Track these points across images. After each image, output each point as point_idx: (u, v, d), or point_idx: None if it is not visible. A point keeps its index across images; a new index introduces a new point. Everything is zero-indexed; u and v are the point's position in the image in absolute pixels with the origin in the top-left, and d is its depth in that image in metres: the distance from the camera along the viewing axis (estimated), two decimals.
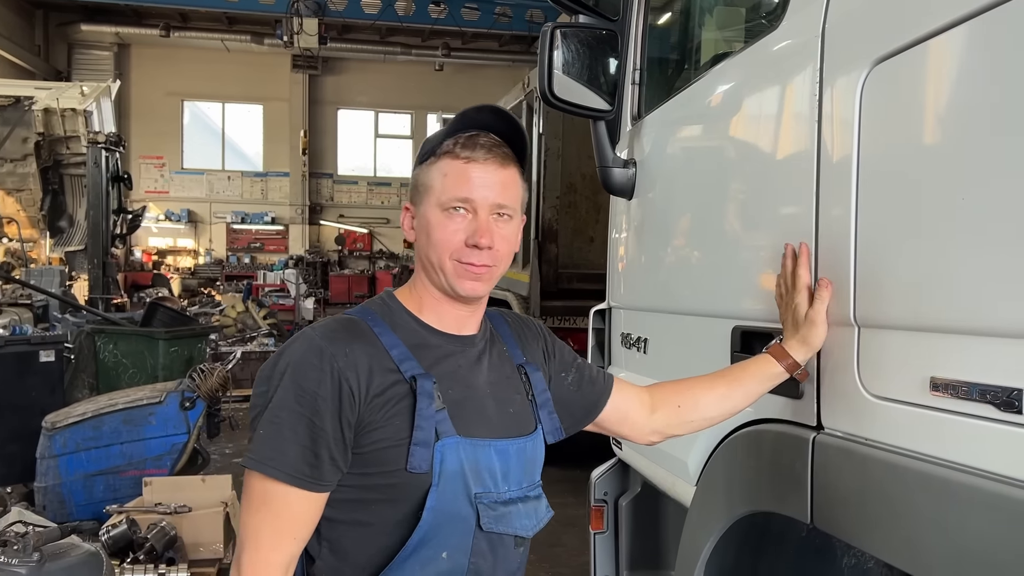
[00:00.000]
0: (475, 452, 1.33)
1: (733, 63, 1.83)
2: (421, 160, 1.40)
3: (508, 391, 1.44)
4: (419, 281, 1.42)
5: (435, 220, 1.35)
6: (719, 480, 1.79)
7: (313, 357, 1.26)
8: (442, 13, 17.74)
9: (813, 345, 1.46)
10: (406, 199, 1.45)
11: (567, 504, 5.69)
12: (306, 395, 1.24)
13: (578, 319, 6.17)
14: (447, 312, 1.40)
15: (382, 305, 1.41)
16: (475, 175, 1.33)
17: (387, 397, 1.28)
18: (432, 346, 1.37)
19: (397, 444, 1.27)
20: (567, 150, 6.12)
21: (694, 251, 1.99)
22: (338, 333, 1.31)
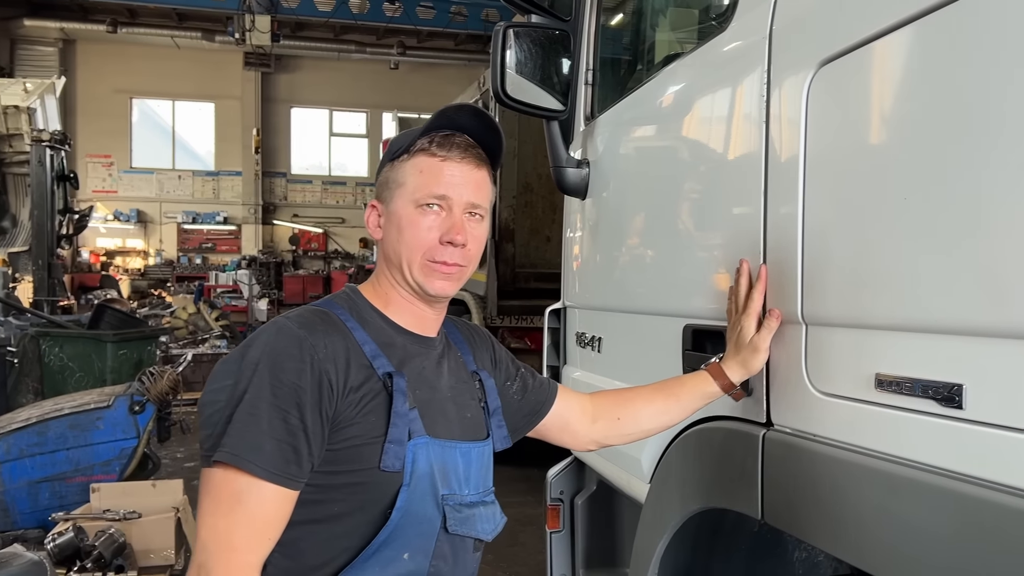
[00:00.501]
0: (443, 453, 1.33)
1: (684, 64, 1.85)
2: (392, 156, 1.38)
3: (465, 396, 1.44)
4: (384, 279, 1.39)
5: (408, 217, 1.33)
6: (672, 477, 1.80)
7: (292, 347, 1.22)
8: (397, 11, 17.65)
9: (751, 370, 1.49)
10: (372, 196, 1.43)
11: (525, 503, 5.71)
12: (285, 387, 1.19)
13: (535, 318, 6.18)
14: (413, 312, 1.39)
15: (348, 300, 1.38)
16: (451, 173, 1.33)
17: (363, 392, 1.25)
18: (398, 345, 1.35)
19: (370, 442, 1.25)
20: (523, 150, 6.13)
21: (646, 250, 2.00)
22: (315, 323, 1.28)
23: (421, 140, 1.35)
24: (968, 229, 1.05)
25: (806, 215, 1.35)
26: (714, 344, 1.66)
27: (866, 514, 1.21)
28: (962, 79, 1.07)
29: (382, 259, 1.40)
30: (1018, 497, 0.97)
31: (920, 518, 1.10)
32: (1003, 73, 1.01)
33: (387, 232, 1.37)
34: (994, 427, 1.02)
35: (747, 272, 1.49)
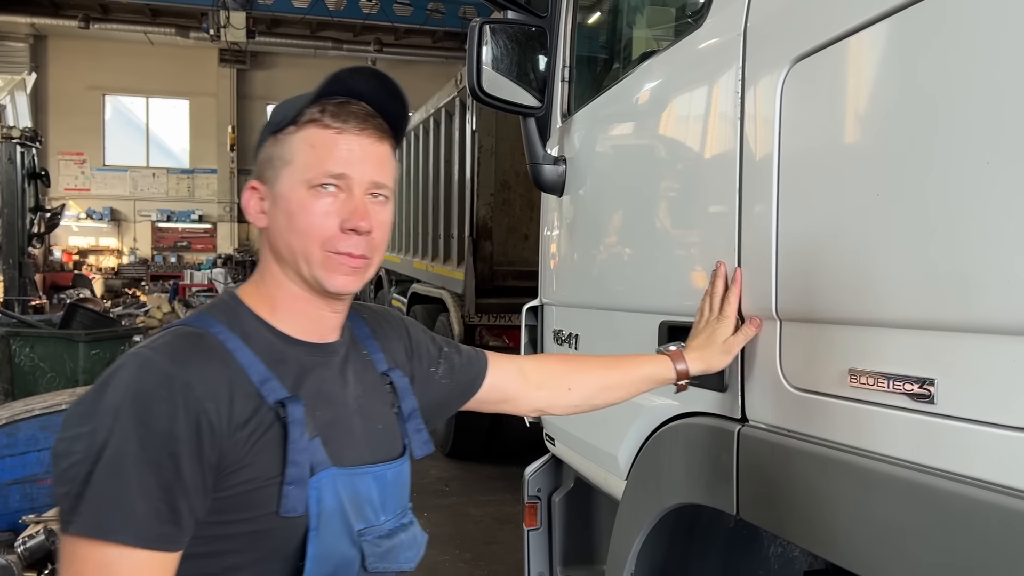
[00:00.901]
0: (353, 483, 1.15)
1: (659, 61, 1.85)
2: (275, 128, 1.16)
3: (375, 405, 1.26)
4: (271, 277, 1.19)
5: (299, 200, 1.13)
6: (648, 474, 1.80)
7: (160, 387, 1.01)
8: (374, 8, 17.57)
9: (712, 368, 1.48)
10: (255, 176, 1.20)
11: (503, 501, 5.72)
12: (154, 435, 0.99)
13: (513, 316, 6.18)
14: (309, 315, 1.19)
15: (227, 311, 1.16)
16: (349, 147, 1.14)
17: (251, 428, 1.06)
18: (291, 360, 1.15)
19: (266, 484, 1.07)
20: (501, 147, 6.12)
21: (623, 247, 2.00)
22: (186, 353, 1.06)
23: (311, 109, 1.14)
24: (938, 225, 1.06)
25: (780, 212, 1.36)
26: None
27: (840, 509, 1.21)
28: (933, 76, 1.08)
29: (267, 253, 1.19)
30: (989, 491, 0.98)
31: (893, 513, 1.11)
32: (974, 69, 1.02)
33: (273, 219, 1.16)
34: (965, 421, 1.03)
35: (724, 275, 1.48)
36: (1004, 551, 0.95)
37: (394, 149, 1.22)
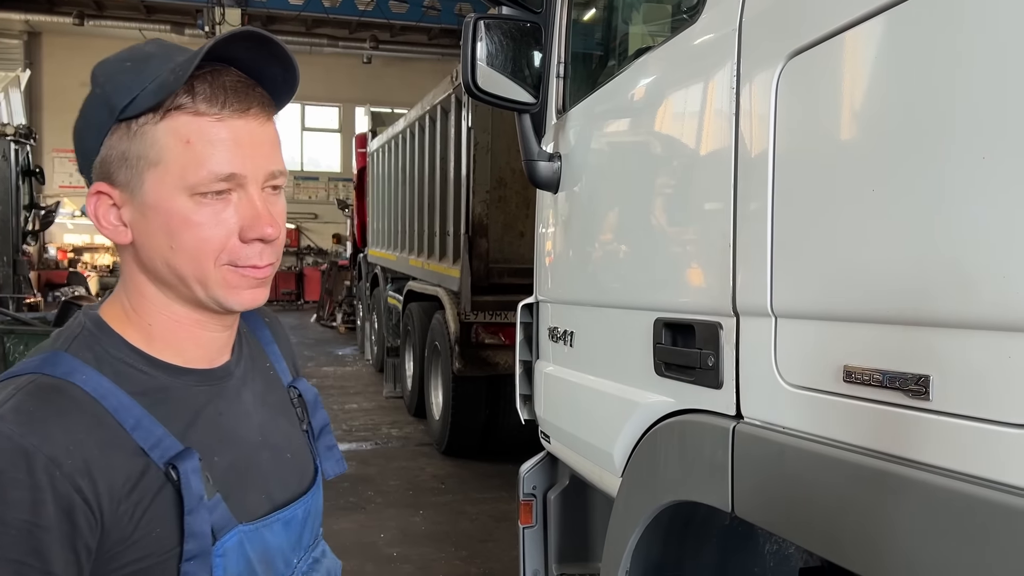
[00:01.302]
0: (262, 537, 0.98)
1: (654, 57, 1.84)
2: (123, 114, 0.89)
3: (282, 428, 1.08)
4: (144, 302, 0.95)
5: (181, 213, 0.90)
6: (643, 471, 1.80)
7: (14, 469, 0.80)
8: (370, 5, 17.53)
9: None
10: (98, 175, 0.92)
11: (499, 499, 5.72)
12: (12, 528, 0.79)
13: (509, 314, 6.17)
14: (196, 339, 0.97)
15: (90, 342, 0.92)
16: (236, 136, 0.90)
17: (137, 497, 0.86)
18: (178, 397, 0.94)
19: (161, 560, 0.89)
20: (496, 144, 6.10)
21: (618, 244, 2.00)
22: (45, 417, 0.83)
23: (163, 88, 0.88)
24: (933, 221, 1.05)
25: (775, 208, 1.35)
26: (684, 337, 1.66)
27: (835, 506, 1.21)
28: (929, 70, 1.07)
29: (136, 274, 0.95)
30: (986, 488, 0.97)
31: (888, 510, 1.11)
32: (971, 63, 1.01)
33: (144, 235, 0.92)
34: (961, 418, 1.02)
35: None
36: (1001, 548, 0.94)
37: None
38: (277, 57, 0.94)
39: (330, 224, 21.96)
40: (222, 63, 0.92)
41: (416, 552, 4.78)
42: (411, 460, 6.74)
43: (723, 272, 1.49)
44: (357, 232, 13.01)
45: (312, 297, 20.38)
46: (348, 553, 4.72)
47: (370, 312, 11.47)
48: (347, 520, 5.31)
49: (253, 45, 0.92)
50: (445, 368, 6.60)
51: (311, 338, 14.83)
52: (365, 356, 12.02)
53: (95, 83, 0.93)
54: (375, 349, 11.04)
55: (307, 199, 22.57)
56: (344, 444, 7.30)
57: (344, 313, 15.63)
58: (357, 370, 11.31)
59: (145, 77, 0.89)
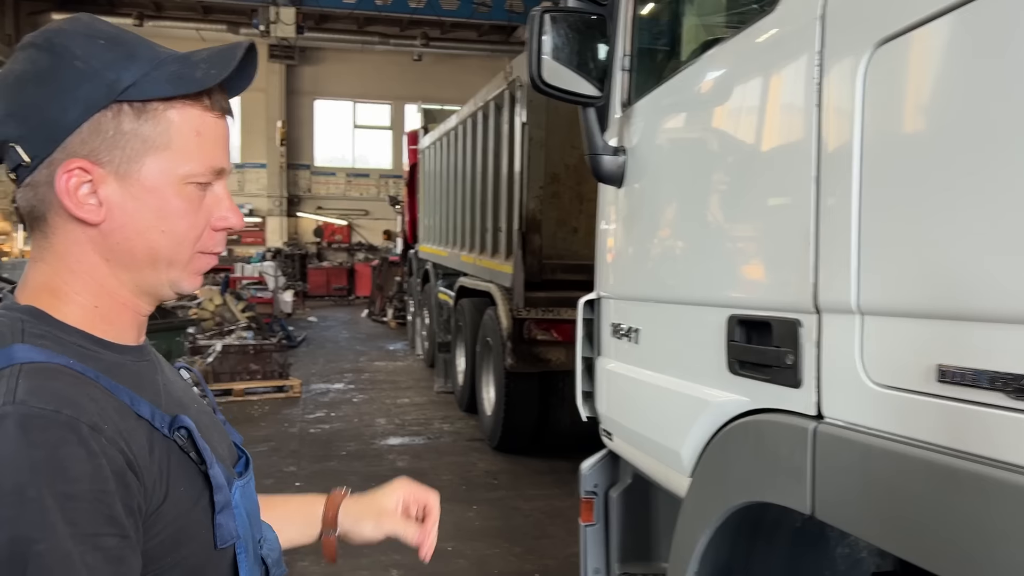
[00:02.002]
0: (248, 492, 1.04)
1: (727, 48, 1.80)
2: (115, 88, 0.89)
3: (199, 400, 1.10)
4: (92, 283, 0.94)
5: (172, 199, 0.92)
6: (715, 471, 1.76)
7: (66, 442, 0.80)
8: (421, 2, 17.64)
9: (354, 534, 1.30)
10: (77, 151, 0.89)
11: (552, 496, 5.71)
12: (84, 504, 0.79)
13: (562, 310, 6.14)
14: (132, 320, 0.98)
15: (38, 333, 0.90)
16: (225, 135, 0.98)
17: (158, 457, 0.90)
18: (132, 372, 0.95)
19: (187, 516, 0.92)
20: (551, 140, 6.08)
21: (688, 239, 1.96)
22: (62, 389, 0.84)
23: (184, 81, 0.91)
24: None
25: (863, 203, 1.31)
26: (760, 334, 1.62)
27: (925, 510, 1.16)
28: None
29: (90, 254, 0.93)
30: None
31: (983, 514, 1.06)
32: None
33: (126, 215, 0.91)
34: None
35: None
36: None
37: None
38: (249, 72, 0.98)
39: (381, 220, 22.17)
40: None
41: (470, 547, 4.79)
42: (463, 455, 6.77)
43: (803, 268, 1.44)
44: (408, 228, 13.11)
45: (363, 292, 20.60)
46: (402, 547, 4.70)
47: (421, 308, 11.55)
48: None
49: (251, 60, 0.97)
50: (497, 364, 6.60)
51: (362, 333, 14.99)
52: (416, 351, 12.10)
53: (69, 55, 0.89)
54: (426, 344, 11.11)
55: (358, 196, 22.82)
56: (397, 438, 7.36)
57: (395, 308, 15.76)
58: (408, 365, 11.40)
59: (143, 61, 0.91)
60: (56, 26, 0.93)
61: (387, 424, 7.89)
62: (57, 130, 0.88)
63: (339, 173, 22.86)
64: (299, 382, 9.27)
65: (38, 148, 0.89)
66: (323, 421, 7.98)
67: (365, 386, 9.79)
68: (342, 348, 13.04)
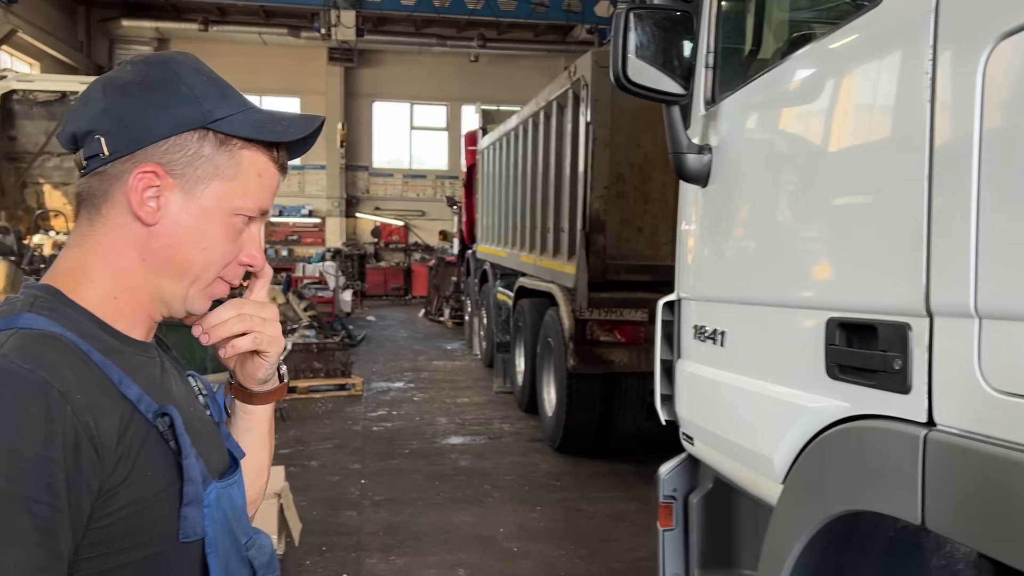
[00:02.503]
0: (231, 495, 1.06)
1: (825, 44, 1.75)
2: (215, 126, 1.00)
3: (199, 405, 1.14)
4: (124, 277, 1.00)
5: (220, 224, 1.02)
6: (812, 478, 1.72)
7: (29, 401, 0.83)
8: (479, 3, 17.68)
9: (251, 372, 1.19)
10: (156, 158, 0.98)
11: (616, 498, 5.66)
12: (26, 464, 0.80)
13: (625, 311, 6.09)
14: (143, 320, 1.04)
15: (49, 306, 0.95)
16: (278, 184, 1.08)
17: (130, 439, 0.91)
18: (131, 360, 0.99)
19: (152, 503, 0.93)
20: (615, 139, 6.03)
21: (781, 240, 1.91)
22: (50, 356, 0.87)
23: (265, 129, 1.03)
24: None
25: (981, 202, 1.25)
26: (862, 338, 1.57)
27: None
28: None
29: (131, 250, 0.99)
30: None
31: None
32: None
33: (175, 224, 0.99)
34: None
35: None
36: None
37: None
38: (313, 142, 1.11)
39: (437, 221, 22.32)
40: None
41: (536, 548, 4.78)
42: (524, 456, 6.76)
43: (914, 270, 1.39)
44: (465, 229, 13.16)
45: (419, 292, 20.77)
46: (468, 546, 4.77)
47: (478, 308, 11.58)
48: (465, 513, 5.36)
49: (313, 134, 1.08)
50: (558, 365, 6.58)
51: (420, 332, 15.11)
52: (473, 351, 12.14)
53: (177, 79, 1.01)
54: (483, 344, 11.14)
55: (415, 196, 23.00)
56: (458, 437, 7.39)
57: (451, 308, 15.84)
58: (466, 364, 11.44)
59: (233, 102, 1.03)
60: (170, 55, 1.06)
61: (448, 423, 7.92)
62: (146, 135, 0.98)
63: (396, 174, 23.07)
64: (361, 380, 9.38)
65: (121, 145, 0.98)
66: (385, 419, 8.06)
67: (425, 385, 9.85)
68: (401, 347, 13.16)
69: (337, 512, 5.34)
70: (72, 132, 1.01)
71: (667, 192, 6.14)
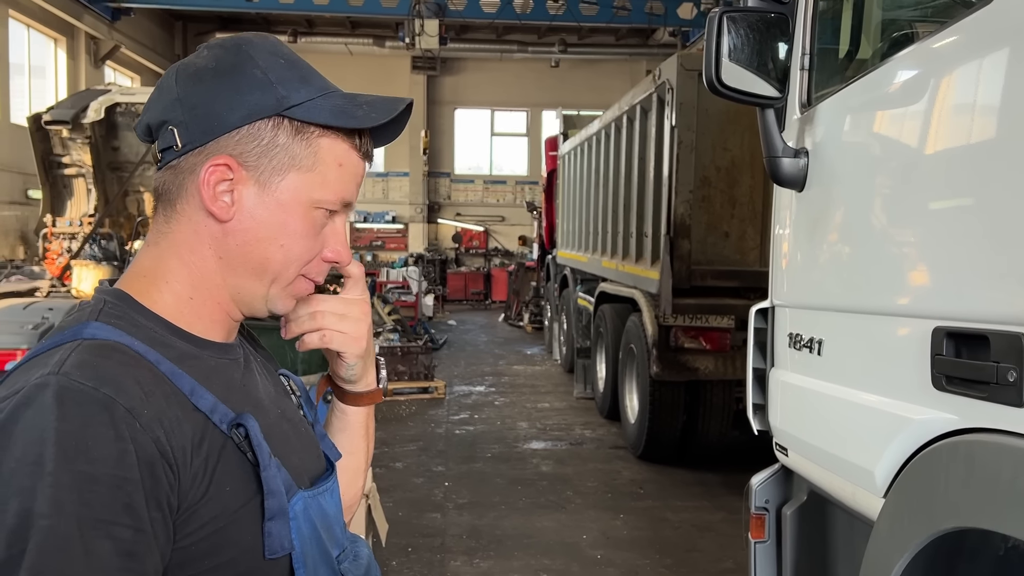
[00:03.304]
0: (320, 505, 1.00)
1: (931, 43, 1.69)
2: (284, 104, 0.93)
3: (291, 407, 1.10)
4: (200, 276, 0.96)
5: (303, 217, 0.96)
6: (917, 493, 1.65)
7: (95, 421, 0.78)
8: (560, 9, 17.68)
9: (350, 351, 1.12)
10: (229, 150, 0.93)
11: (701, 508, 5.58)
12: (101, 485, 0.76)
13: (711, 317, 6.00)
14: (222, 321, 0.99)
15: (117, 313, 0.91)
16: (362, 175, 1.01)
17: (205, 454, 0.87)
18: (207, 366, 0.94)
19: (234, 519, 0.88)
20: (701, 143, 5.94)
21: (884, 246, 1.85)
22: (114, 371, 0.83)
23: (343, 116, 0.96)
24: None
25: None
26: (972, 349, 1.50)
27: None
28: None
29: (207, 248, 0.95)
30: None
31: None
32: None
33: (253, 221, 0.94)
34: None
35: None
36: None
37: None
38: (401, 128, 1.04)
39: (516, 226, 22.44)
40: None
41: (620, 556, 4.74)
42: (606, 463, 6.72)
43: None
44: (545, 234, 13.18)
45: (499, 297, 20.90)
46: (552, 551, 4.77)
47: (558, 313, 11.57)
48: (548, 518, 5.36)
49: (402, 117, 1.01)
50: (641, 372, 6.52)
51: (500, 337, 15.20)
52: (553, 356, 12.14)
53: (251, 63, 0.94)
54: (563, 349, 11.13)
55: (495, 202, 23.18)
56: (539, 443, 7.40)
57: (531, 313, 15.89)
58: (546, 369, 11.45)
59: (313, 87, 0.96)
60: (247, 37, 0.98)
61: (529, 428, 7.94)
62: (218, 124, 0.92)
63: (477, 180, 23.30)
64: (443, 384, 9.49)
65: (194, 136, 0.92)
66: (467, 423, 8.14)
67: (505, 389, 9.91)
68: (481, 351, 13.26)
69: (422, 514, 5.42)
70: (147, 122, 0.96)
71: (755, 196, 6.02)
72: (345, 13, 18.76)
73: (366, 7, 17.91)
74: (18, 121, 14.37)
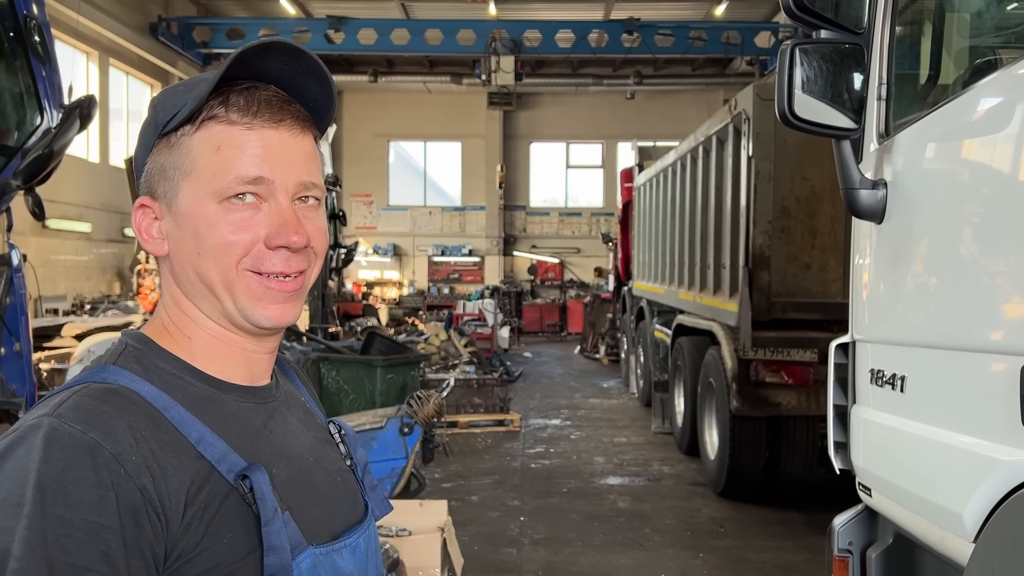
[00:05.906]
0: (334, 563, 0.95)
1: (1016, 68, 1.64)
2: (164, 130, 0.93)
3: (330, 454, 1.06)
4: (180, 315, 0.96)
5: (208, 217, 0.91)
6: (1009, 538, 1.57)
7: (77, 465, 0.77)
8: (635, 41, 17.72)
9: None
10: (144, 190, 0.96)
11: (784, 548, 5.40)
12: (77, 531, 0.75)
13: (792, 351, 5.84)
14: (235, 356, 0.97)
15: (136, 357, 0.92)
16: (266, 144, 0.92)
17: (203, 503, 0.84)
18: (228, 410, 0.93)
19: (232, 571, 0.85)
20: (779, 172, 5.84)
21: (967, 279, 1.79)
22: (106, 415, 0.82)
23: (210, 102, 0.91)
24: None
25: None
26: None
27: None
28: None
29: (172, 287, 0.96)
30: None
31: None
32: None
33: (177, 244, 0.94)
34: None
35: None
36: None
37: (317, 140, 1.00)
38: (313, 72, 0.96)
39: (592, 258, 22.43)
40: (262, 82, 0.94)
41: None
42: (685, 500, 6.57)
43: None
44: (621, 265, 13.12)
45: (575, 329, 20.83)
46: None
47: (635, 345, 11.46)
48: (625, 556, 5.27)
49: (288, 59, 0.94)
50: (721, 406, 6.38)
51: (576, 369, 15.12)
52: (630, 389, 12.00)
53: (152, 109, 0.96)
54: (640, 383, 10.99)
55: (570, 234, 23.23)
56: (616, 478, 7.31)
57: (607, 345, 15.77)
58: (623, 403, 11.32)
59: (190, 95, 0.92)
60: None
61: (605, 463, 7.85)
62: (140, 172, 0.97)
63: (552, 212, 23.41)
64: (519, 416, 9.48)
65: (140, 188, 0.97)
66: (543, 456, 8.10)
67: (581, 423, 9.83)
68: (556, 384, 13.21)
69: (498, 548, 5.40)
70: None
71: (837, 226, 5.88)
72: (424, 52, 19.24)
73: (443, 46, 18.32)
74: (117, 163, 15.20)
